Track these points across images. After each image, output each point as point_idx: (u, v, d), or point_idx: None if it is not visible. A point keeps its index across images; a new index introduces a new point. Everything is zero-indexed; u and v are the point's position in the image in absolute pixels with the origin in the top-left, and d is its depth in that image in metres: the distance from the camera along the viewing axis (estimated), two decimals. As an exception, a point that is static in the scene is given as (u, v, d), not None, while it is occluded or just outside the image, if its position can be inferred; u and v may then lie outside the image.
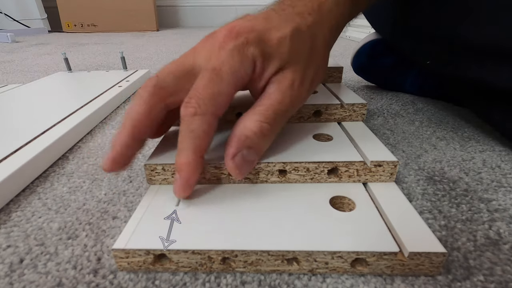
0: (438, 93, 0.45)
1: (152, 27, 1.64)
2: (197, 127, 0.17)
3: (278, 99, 0.19)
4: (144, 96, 0.19)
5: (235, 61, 0.18)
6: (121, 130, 0.19)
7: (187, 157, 0.18)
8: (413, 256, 0.16)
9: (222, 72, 0.17)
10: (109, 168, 0.19)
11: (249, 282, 0.16)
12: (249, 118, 0.19)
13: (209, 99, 0.17)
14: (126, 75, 0.55)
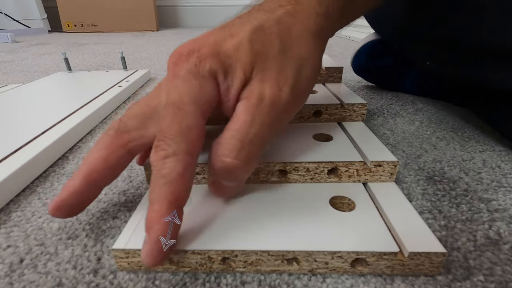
0: (438, 93, 0.45)
1: (152, 27, 1.64)
2: (170, 170, 0.15)
3: (245, 123, 0.16)
4: (104, 141, 0.17)
5: (193, 87, 0.16)
6: (74, 175, 0.17)
7: (160, 209, 0.14)
8: (413, 256, 0.16)
9: (183, 104, 0.15)
10: (52, 213, 0.17)
11: (249, 282, 0.16)
12: (214, 151, 0.16)
13: (179, 137, 0.15)
14: (126, 75, 0.55)
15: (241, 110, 0.16)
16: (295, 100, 0.17)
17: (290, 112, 0.18)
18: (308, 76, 0.18)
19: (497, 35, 0.26)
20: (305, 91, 0.18)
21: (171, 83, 0.16)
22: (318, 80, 0.35)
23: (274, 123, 0.17)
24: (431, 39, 0.33)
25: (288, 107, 0.17)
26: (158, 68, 0.71)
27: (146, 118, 0.17)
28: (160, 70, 0.68)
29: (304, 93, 0.18)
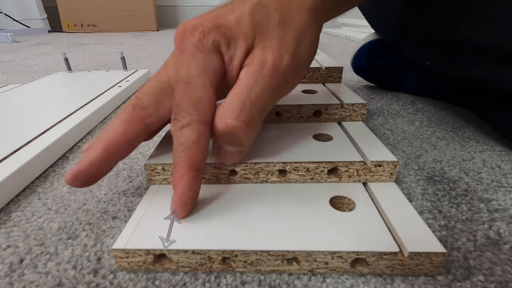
0: (438, 93, 0.45)
1: (152, 27, 1.64)
2: (186, 138, 0.17)
3: (247, 86, 0.17)
4: (123, 116, 0.19)
5: (199, 61, 0.17)
6: (93, 146, 0.18)
7: (181, 171, 0.17)
8: (413, 256, 0.16)
9: (191, 78, 0.17)
10: (69, 182, 0.18)
11: (249, 282, 0.16)
12: (217, 113, 0.17)
13: (191, 108, 0.17)
14: (126, 75, 0.55)
15: (243, 75, 0.17)
16: (295, 68, 0.18)
17: (290, 80, 0.18)
18: (307, 48, 0.18)
19: (497, 35, 0.26)
20: (305, 61, 0.19)
21: (179, 59, 0.17)
22: (318, 80, 0.35)
23: (275, 88, 0.17)
24: (431, 39, 0.33)
25: (288, 74, 0.18)
26: (158, 68, 0.71)
27: (159, 94, 0.19)
28: (160, 70, 0.68)
29: (304, 63, 0.19)
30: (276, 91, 0.18)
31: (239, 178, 0.21)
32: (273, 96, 0.18)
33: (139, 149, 0.31)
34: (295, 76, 0.18)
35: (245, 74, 0.17)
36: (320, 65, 0.35)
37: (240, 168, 0.21)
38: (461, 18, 0.28)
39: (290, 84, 0.19)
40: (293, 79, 0.19)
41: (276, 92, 0.18)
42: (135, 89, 0.52)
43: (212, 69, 0.17)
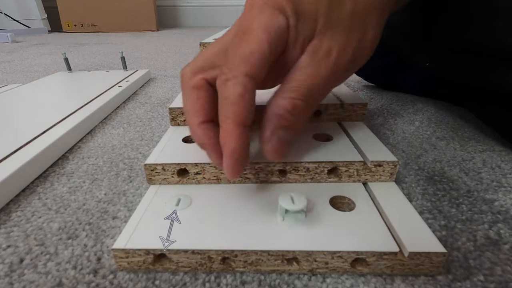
0: (438, 93, 0.45)
1: (152, 27, 1.64)
2: (231, 92, 0.16)
3: (313, 73, 0.16)
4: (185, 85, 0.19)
5: (266, 15, 0.16)
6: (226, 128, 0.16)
7: (227, 128, 0.16)
8: (413, 256, 0.16)
9: (251, 29, 0.16)
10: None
11: (249, 282, 0.16)
12: (281, 96, 0.17)
13: (240, 60, 0.16)
14: (126, 75, 0.55)
15: (308, 61, 0.16)
16: (354, 64, 0.18)
17: (346, 74, 0.18)
18: (369, 45, 0.18)
19: (497, 36, 0.26)
20: (364, 58, 0.18)
21: (244, 15, 0.17)
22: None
23: (334, 81, 0.17)
24: (430, 40, 0.33)
25: (347, 68, 0.17)
26: (158, 68, 0.71)
27: (217, 54, 0.18)
28: (160, 70, 0.68)
29: (364, 60, 0.18)
30: (332, 83, 0.18)
31: (239, 178, 0.21)
32: (330, 87, 0.18)
33: (139, 149, 0.31)
34: (351, 71, 0.18)
35: (310, 60, 0.16)
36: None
37: (240, 168, 0.21)
38: (460, 20, 0.28)
39: (345, 77, 0.19)
40: (348, 74, 0.18)
41: (333, 84, 0.18)
42: (135, 89, 0.52)
43: (275, 29, 0.16)
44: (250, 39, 0.16)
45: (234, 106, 0.16)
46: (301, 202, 0.18)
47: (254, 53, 0.15)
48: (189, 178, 0.22)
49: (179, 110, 0.27)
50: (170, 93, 0.51)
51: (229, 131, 0.16)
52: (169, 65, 0.74)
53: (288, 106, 0.17)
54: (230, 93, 0.16)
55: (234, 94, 0.16)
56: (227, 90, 0.16)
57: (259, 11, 0.16)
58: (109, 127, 0.37)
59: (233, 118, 0.16)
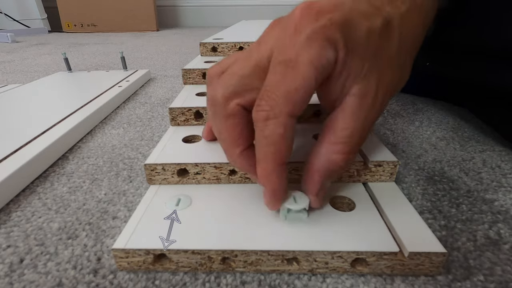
0: (438, 93, 0.45)
1: (152, 27, 1.64)
2: (271, 132, 0.15)
3: (364, 118, 0.16)
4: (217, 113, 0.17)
5: (315, 49, 0.14)
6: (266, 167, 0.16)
7: (267, 167, 0.16)
8: (413, 256, 0.16)
9: (299, 63, 0.14)
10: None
11: (249, 282, 0.16)
12: (334, 150, 0.16)
13: (283, 98, 0.14)
14: (126, 75, 0.55)
15: (358, 105, 0.16)
16: (382, 111, 0.17)
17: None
18: (404, 83, 0.18)
19: (497, 36, 0.26)
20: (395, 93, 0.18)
21: (290, 38, 0.15)
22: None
23: (371, 126, 0.17)
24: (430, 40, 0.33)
25: (379, 116, 0.17)
26: (158, 68, 0.71)
27: (247, 75, 0.16)
28: (160, 70, 0.68)
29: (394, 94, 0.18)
30: (377, 117, 0.17)
31: (239, 178, 0.21)
32: (373, 123, 0.17)
33: (139, 149, 0.31)
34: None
35: (359, 104, 0.15)
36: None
37: (240, 168, 0.21)
38: (460, 21, 0.28)
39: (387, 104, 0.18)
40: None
41: (377, 118, 0.17)
42: (135, 89, 0.52)
43: (323, 64, 0.14)
44: (297, 74, 0.14)
45: (274, 146, 0.15)
46: (303, 201, 0.18)
47: (299, 90, 0.14)
48: (189, 178, 0.22)
49: (179, 110, 0.27)
50: (170, 93, 0.51)
51: (268, 170, 0.16)
52: (169, 65, 0.74)
53: (341, 162, 0.16)
54: (270, 133, 0.15)
55: (275, 135, 0.15)
56: (267, 129, 0.15)
57: (307, 41, 0.14)
58: (109, 127, 0.37)
59: (272, 158, 0.15)
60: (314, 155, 0.17)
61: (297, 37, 0.14)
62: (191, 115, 0.27)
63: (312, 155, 0.17)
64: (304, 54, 0.14)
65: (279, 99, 0.14)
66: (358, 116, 0.16)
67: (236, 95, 0.16)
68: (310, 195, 0.18)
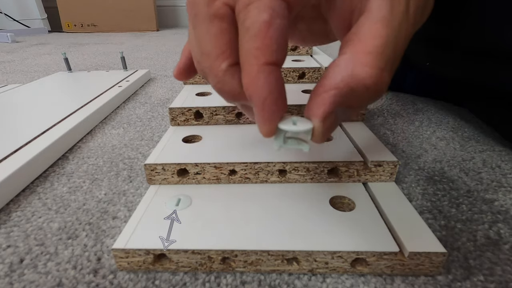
0: (438, 93, 0.45)
1: (152, 27, 1.64)
2: (254, 19, 0.11)
3: (397, 26, 0.12)
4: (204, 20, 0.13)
5: None
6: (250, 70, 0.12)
7: (251, 70, 0.12)
8: (413, 256, 0.16)
9: None
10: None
11: (249, 282, 0.16)
12: (361, 61, 0.12)
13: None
14: (126, 75, 0.55)
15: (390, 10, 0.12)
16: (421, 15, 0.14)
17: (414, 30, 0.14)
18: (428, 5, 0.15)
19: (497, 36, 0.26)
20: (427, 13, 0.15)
21: None
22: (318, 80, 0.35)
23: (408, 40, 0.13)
24: (431, 40, 0.33)
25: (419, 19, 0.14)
26: (158, 68, 0.71)
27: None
28: (160, 70, 0.68)
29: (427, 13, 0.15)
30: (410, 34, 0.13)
31: (239, 178, 0.21)
32: (408, 40, 0.13)
33: (139, 149, 0.31)
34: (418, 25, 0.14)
35: (389, 7, 0.12)
36: (320, 65, 0.35)
37: (240, 168, 0.21)
38: (461, 20, 0.28)
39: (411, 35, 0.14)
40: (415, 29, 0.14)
41: (410, 35, 0.13)
42: (135, 89, 0.52)
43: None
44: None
45: (258, 39, 0.11)
46: (305, 124, 0.13)
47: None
48: (189, 178, 0.22)
49: (179, 110, 0.27)
50: (170, 93, 0.51)
51: (253, 73, 0.12)
52: (169, 65, 0.73)
53: (368, 80, 0.12)
54: (253, 21, 0.11)
55: (259, 22, 0.11)
56: (248, 17, 0.12)
57: None
58: (109, 127, 0.37)
59: (256, 54, 0.12)
60: (331, 69, 0.13)
61: None
62: (191, 115, 0.27)
63: (329, 69, 0.13)
64: None
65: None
66: (392, 22, 0.12)
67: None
68: (315, 119, 0.13)
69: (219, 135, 0.25)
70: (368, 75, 0.12)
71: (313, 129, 0.13)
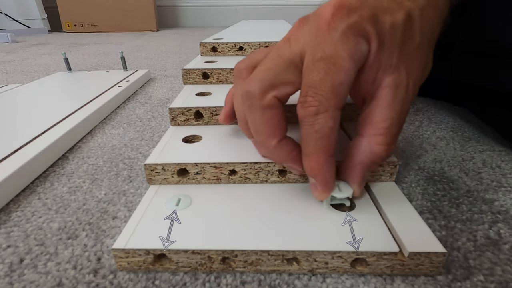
0: (438, 93, 0.45)
1: (152, 27, 1.64)
2: (322, 126, 0.16)
3: (399, 109, 0.16)
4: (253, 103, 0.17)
5: (351, 43, 0.15)
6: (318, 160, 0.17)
7: (318, 159, 0.16)
8: (413, 256, 0.16)
9: (340, 59, 0.15)
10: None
11: (249, 282, 0.16)
12: (376, 141, 0.17)
13: (330, 93, 0.15)
14: (126, 75, 0.55)
15: (393, 97, 0.16)
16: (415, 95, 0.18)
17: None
18: (425, 77, 0.19)
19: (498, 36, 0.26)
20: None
21: (324, 36, 0.15)
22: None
23: (409, 109, 0.18)
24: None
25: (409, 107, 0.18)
26: (158, 68, 0.71)
27: (282, 70, 0.17)
28: (160, 70, 0.68)
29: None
30: (411, 101, 0.18)
31: (239, 178, 0.21)
32: (409, 107, 0.18)
33: (139, 149, 0.31)
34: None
35: (394, 96, 0.16)
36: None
37: (240, 168, 0.21)
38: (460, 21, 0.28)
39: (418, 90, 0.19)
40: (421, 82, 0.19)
41: (411, 102, 0.18)
42: (135, 89, 0.52)
43: (359, 58, 0.15)
44: (339, 69, 0.15)
45: (325, 139, 0.16)
46: (347, 190, 0.18)
47: (344, 85, 0.15)
48: (189, 178, 0.22)
49: (179, 110, 0.27)
50: (170, 93, 0.51)
51: (321, 163, 0.16)
52: (169, 65, 0.74)
53: (383, 153, 0.17)
54: (321, 127, 0.16)
55: (326, 128, 0.16)
56: (318, 123, 0.16)
57: (343, 37, 0.15)
58: (109, 127, 0.37)
59: (324, 150, 0.16)
60: (355, 148, 0.18)
61: (332, 34, 0.15)
62: (191, 115, 0.27)
63: (353, 148, 0.18)
64: (342, 49, 0.15)
65: (326, 94, 0.15)
66: (395, 107, 0.16)
67: (273, 88, 0.17)
68: (354, 185, 0.18)
69: (219, 135, 0.25)
70: (382, 150, 0.17)
71: (354, 191, 0.18)
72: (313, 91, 0.15)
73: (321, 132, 0.16)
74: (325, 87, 0.15)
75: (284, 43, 0.17)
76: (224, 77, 0.32)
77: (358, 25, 0.15)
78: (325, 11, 0.16)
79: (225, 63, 0.35)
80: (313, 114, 0.16)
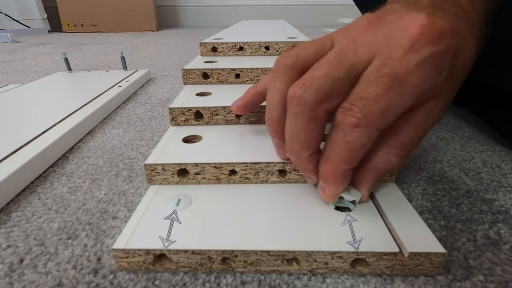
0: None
1: (152, 27, 1.64)
2: (355, 140, 0.15)
3: (423, 130, 0.17)
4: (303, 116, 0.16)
5: (426, 74, 0.14)
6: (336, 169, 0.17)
7: (336, 168, 0.16)
8: (413, 256, 0.16)
9: (407, 83, 0.14)
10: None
11: (249, 282, 0.16)
12: (393, 152, 0.17)
13: (379, 112, 0.14)
14: (126, 75, 0.55)
15: (423, 120, 0.16)
16: None
17: None
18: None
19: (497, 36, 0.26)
20: None
21: (404, 54, 0.14)
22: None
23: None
24: None
25: None
26: (158, 68, 0.71)
27: (341, 78, 0.15)
28: (160, 70, 0.68)
29: None
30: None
31: (239, 178, 0.21)
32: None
33: (139, 149, 0.31)
34: None
35: (424, 117, 0.16)
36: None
37: (240, 168, 0.21)
38: None
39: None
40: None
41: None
42: (135, 89, 0.52)
43: (425, 89, 0.15)
44: (402, 92, 0.14)
45: (351, 152, 0.16)
46: (356, 194, 0.19)
47: (397, 108, 0.15)
48: (189, 178, 0.22)
49: (179, 110, 0.27)
50: (170, 93, 0.51)
51: (338, 171, 0.16)
52: (169, 65, 0.74)
53: (397, 163, 0.17)
54: (354, 140, 0.15)
55: (358, 142, 0.15)
56: (352, 135, 0.15)
57: (422, 63, 0.14)
58: (109, 127, 0.37)
59: (347, 162, 0.16)
60: (372, 154, 0.18)
61: (412, 55, 0.14)
62: (191, 115, 0.27)
63: (369, 154, 0.17)
64: (415, 75, 0.14)
65: (375, 111, 0.14)
66: (422, 128, 0.17)
67: (326, 99, 0.16)
68: (363, 190, 0.18)
69: (219, 135, 0.25)
70: (397, 161, 0.17)
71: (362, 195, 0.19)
72: (363, 103, 0.14)
73: (351, 144, 0.15)
74: (378, 104, 0.14)
75: (348, 45, 0.15)
76: (224, 77, 0.32)
77: (441, 57, 0.14)
78: (413, 25, 0.14)
79: (225, 63, 0.35)
80: (352, 125, 0.15)
